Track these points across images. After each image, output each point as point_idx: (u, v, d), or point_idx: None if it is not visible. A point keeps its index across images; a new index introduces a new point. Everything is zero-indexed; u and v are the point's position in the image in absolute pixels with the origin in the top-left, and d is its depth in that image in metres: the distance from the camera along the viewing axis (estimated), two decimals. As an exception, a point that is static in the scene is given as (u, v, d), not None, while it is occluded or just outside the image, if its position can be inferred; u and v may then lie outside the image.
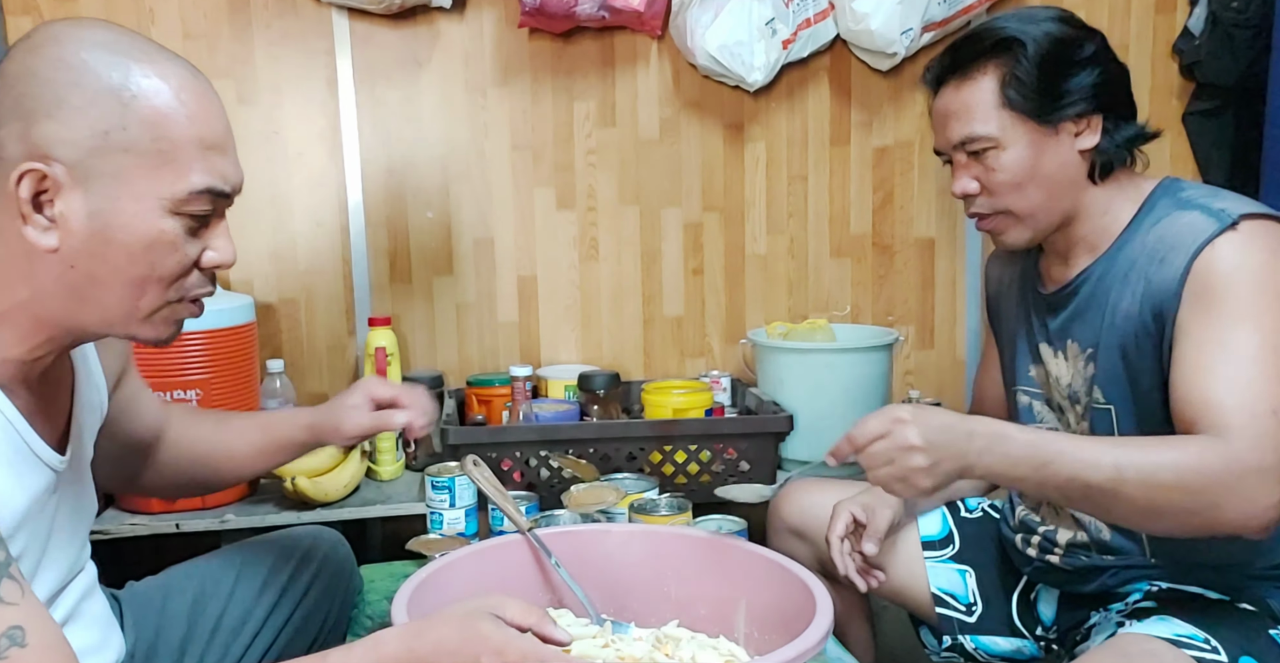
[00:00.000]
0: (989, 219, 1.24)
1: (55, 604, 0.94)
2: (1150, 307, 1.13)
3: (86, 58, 0.81)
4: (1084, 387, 1.24)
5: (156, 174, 0.83)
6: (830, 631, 0.95)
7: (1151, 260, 1.14)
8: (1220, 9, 2.24)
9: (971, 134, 1.20)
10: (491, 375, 2.13)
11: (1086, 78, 1.17)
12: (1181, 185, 1.20)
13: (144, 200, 0.83)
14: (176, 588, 1.21)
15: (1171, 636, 1.10)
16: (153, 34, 2.08)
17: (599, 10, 2.07)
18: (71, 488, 0.96)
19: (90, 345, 1.03)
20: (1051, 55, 1.16)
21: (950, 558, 1.45)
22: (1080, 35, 1.19)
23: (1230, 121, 2.36)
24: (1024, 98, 1.17)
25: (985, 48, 1.19)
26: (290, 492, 1.77)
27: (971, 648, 1.43)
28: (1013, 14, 1.22)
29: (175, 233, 0.85)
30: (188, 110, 0.84)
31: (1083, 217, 1.22)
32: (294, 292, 2.21)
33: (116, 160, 0.81)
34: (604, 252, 2.31)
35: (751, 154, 2.33)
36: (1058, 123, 1.17)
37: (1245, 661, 1.09)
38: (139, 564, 1.43)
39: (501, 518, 1.42)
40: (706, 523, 1.36)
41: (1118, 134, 1.19)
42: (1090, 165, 1.20)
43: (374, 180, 2.20)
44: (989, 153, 1.19)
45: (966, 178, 1.23)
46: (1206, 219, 1.11)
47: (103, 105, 0.80)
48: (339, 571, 1.32)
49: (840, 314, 2.39)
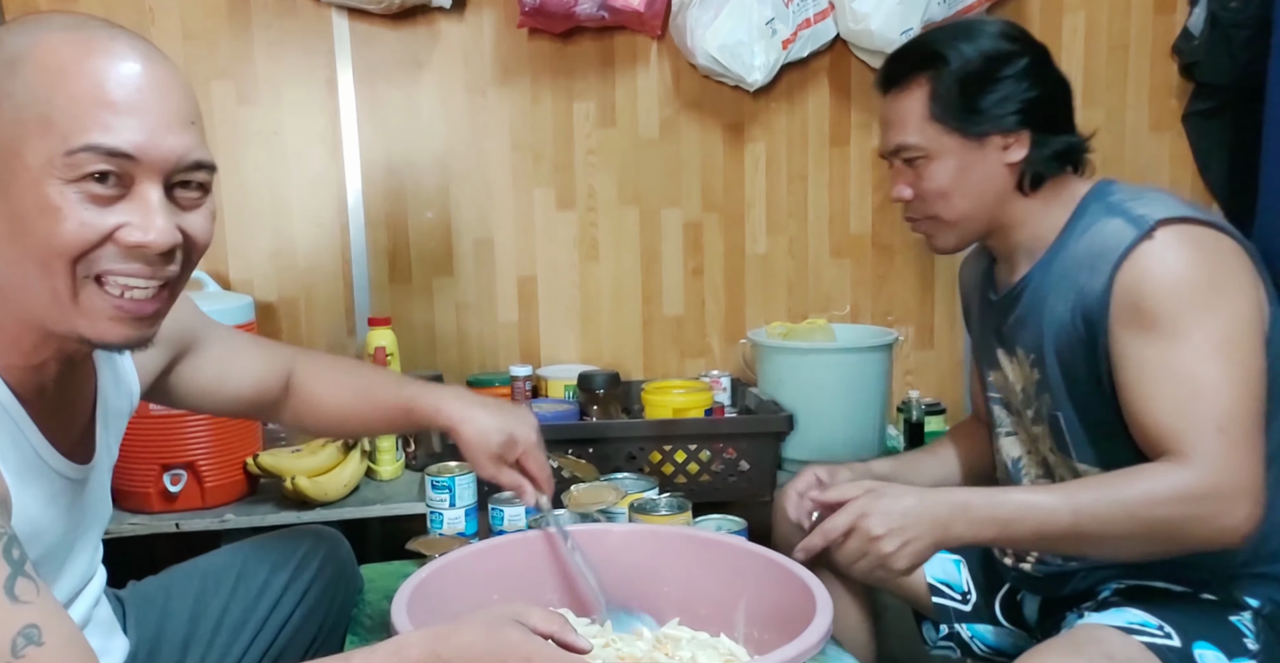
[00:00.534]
0: (919, 223, 1.30)
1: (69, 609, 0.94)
2: (1081, 314, 1.16)
3: (2, 33, 0.78)
4: (1033, 391, 1.27)
5: (44, 139, 0.76)
6: (830, 630, 0.95)
7: (1081, 268, 1.17)
8: (1219, 9, 2.24)
9: (903, 143, 1.25)
10: (491, 375, 2.13)
11: (1012, 94, 1.20)
12: (1112, 189, 1.22)
13: (33, 170, 0.76)
14: (178, 587, 1.21)
15: (1123, 624, 1.12)
16: (153, 34, 2.08)
17: (599, 10, 2.07)
18: (88, 495, 0.96)
19: None
20: (975, 72, 1.20)
21: (945, 548, 1.46)
22: (1012, 51, 1.21)
23: (1230, 121, 2.36)
24: (947, 112, 1.21)
25: (915, 61, 1.24)
26: (290, 491, 1.77)
27: (968, 636, 1.45)
28: (951, 27, 1.27)
29: (67, 200, 0.76)
30: (81, 68, 0.77)
31: (1016, 225, 1.25)
32: (294, 291, 2.21)
33: (7, 133, 0.76)
34: (604, 252, 2.31)
35: (751, 154, 2.33)
36: (983, 136, 1.21)
37: (1201, 644, 1.11)
38: (139, 564, 1.43)
39: (502, 518, 1.42)
40: (706, 523, 1.36)
41: (1047, 148, 1.22)
42: (1019, 177, 1.23)
43: (374, 180, 2.20)
44: (919, 162, 1.24)
45: (901, 184, 1.28)
46: (1126, 226, 1.14)
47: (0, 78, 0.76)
48: (339, 570, 1.32)
49: (840, 314, 2.39)
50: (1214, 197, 2.44)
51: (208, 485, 1.79)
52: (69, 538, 0.92)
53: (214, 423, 1.77)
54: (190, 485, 1.78)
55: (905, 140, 1.24)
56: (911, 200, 1.28)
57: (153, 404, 1.18)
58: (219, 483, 1.80)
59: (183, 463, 1.77)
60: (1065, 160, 1.24)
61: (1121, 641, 1.09)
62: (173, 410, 1.73)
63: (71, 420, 0.94)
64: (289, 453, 1.86)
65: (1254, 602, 1.17)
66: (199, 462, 1.77)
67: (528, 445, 1.18)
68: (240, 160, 2.14)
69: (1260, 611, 1.17)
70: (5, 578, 0.71)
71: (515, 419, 1.18)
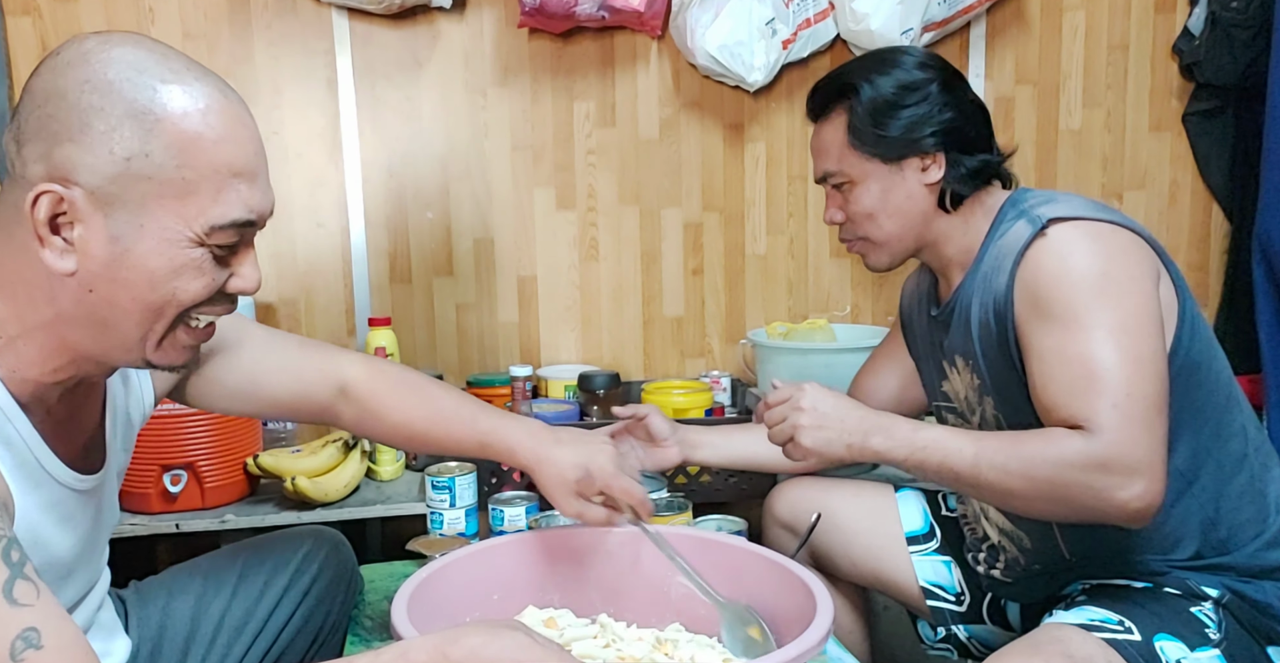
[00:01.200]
0: (853, 244, 1.36)
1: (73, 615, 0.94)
2: (993, 312, 1.21)
3: (113, 78, 0.79)
4: (975, 397, 1.30)
5: (181, 203, 0.80)
6: (830, 631, 0.95)
7: (994, 271, 1.22)
8: (1220, 9, 2.24)
9: (828, 170, 1.32)
10: (491, 375, 2.13)
11: (924, 119, 1.25)
12: (1025, 196, 1.26)
13: (169, 230, 0.81)
14: (180, 588, 1.21)
15: (1084, 621, 1.14)
16: (152, 34, 2.07)
17: (599, 10, 2.07)
18: (95, 503, 0.96)
19: None
20: (884, 102, 1.26)
21: (935, 551, 1.49)
22: (922, 78, 1.27)
23: (1230, 121, 2.36)
24: (862, 140, 1.28)
25: (833, 93, 1.31)
26: (290, 492, 1.77)
27: (965, 637, 1.46)
28: (863, 59, 1.34)
29: (202, 261, 0.83)
30: (214, 135, 0.81)
31: (944, 240, 1.31)
32: (294, 292, 2.21)
33: (139, 187, 0.79)
34: (604, 252, 2.31)
35: (751, 154, 2.33)
36: (900, 160, 1.27)
37: (1162, 637, 1.12)
38: (139, 564, 1.43)
39: (502, 518, 1.42)
40: (706, 523, 1.36)
41: (962, 167, 1.27)
42: (940, 195, 1.28)
43: (374, 180, 2.20)
44: (845, 186, 1.31)
45: (833, 208, 1.35)
46: (1025, 226, 1.18)
47: (125, 130, 0.78)
48: (339, 571, 1.32)
49: (840, 314, 2.39)
50: (1214, 197, 2.44)
51: (208, 486, 1.79)
52: (75, 546, 0.92)
53: (214, 423, 1.77)
54: (190, 486, 1.78)
55: (829, 167, 1.32)
56: (843, 223, 1.34)
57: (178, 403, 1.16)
58: (219, 483, 1.80)
59: (183, 463, 1.77)
60: (980, 178, 1.29)
61: (1080, 638, 1.10)
62: (174, 410, 1.74)
63: (77, 430, 0.94)
64: (289, 453, 1.86)
65: (1214, 592, 1.19)
66: (199, 462, 1.77)
67: (606, 478, 1.15)
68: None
69: (1220, 600, 1.18)
70: (4, 581, 0.70)
71: (591, 453, 1.16)
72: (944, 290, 1.36)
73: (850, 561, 1.51)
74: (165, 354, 0.87)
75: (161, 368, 0.88)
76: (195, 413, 1.76)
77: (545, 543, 1.20)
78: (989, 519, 1.37)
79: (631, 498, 1.16)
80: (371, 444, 1.95)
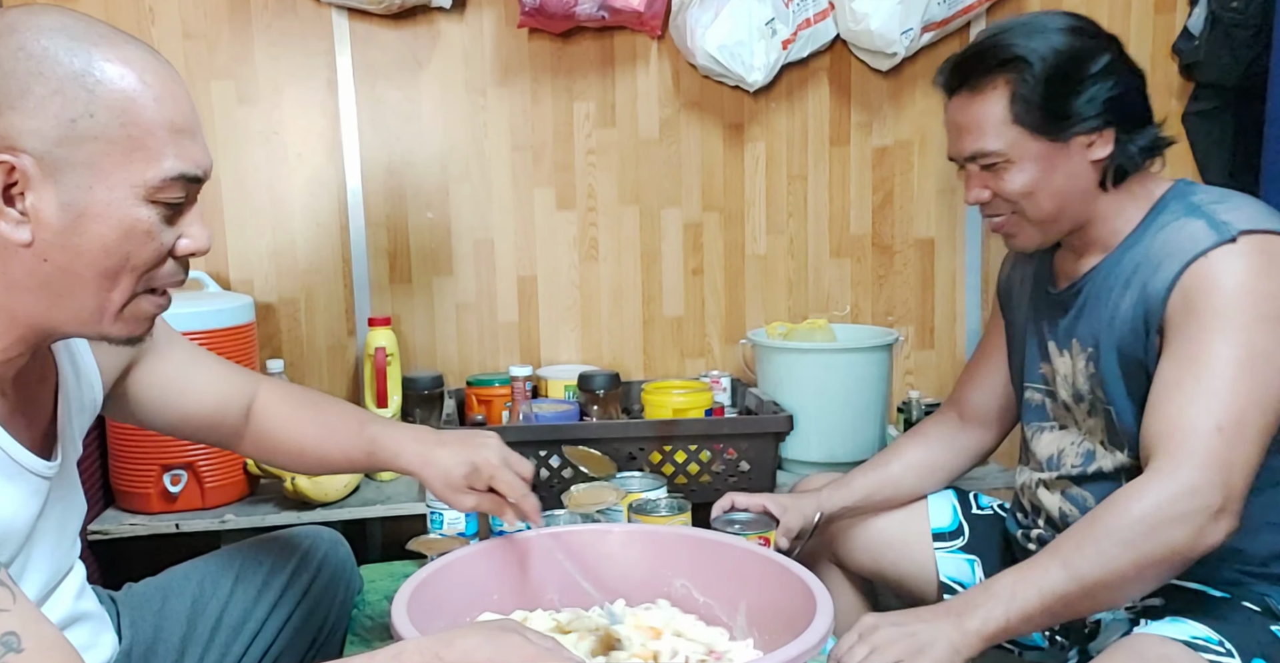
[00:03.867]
0: (1003, 221, 1.26)
1: (45, 606, 0.94)
2: (1143, 311, 1.16)
3: (47, 45, 0.78)
4: (1087, 385, 1.25)
5: (128, 161, 0.80)
6: (830, 631, 0.95)
7: (1151, 265, 1.16)
8: (1220, 9, 2.24)
9: (982, 150, 1.21)
10: (491, 375, 2.13)
11: (1097, 93, 1.17)
12: (1194, 189, 1.21)
13: (117, 189, 0.80)
14: (176, 589, 1.21)
15: (1188, 638, 1.10)
16: (153, 34, 2.08)
17: (599, 10, 2.07)
18: (58, 490, 0.95)
19: (83, 343, 1.01)
20: (1059, 74, 1.16)
21: (960, 549, 1.47)
22: (1092, 47, 1.18)
23: (1230, 121, 2.36)
24: (1032, 116, 1.17)
25: (993, 65, 1.19)
26: (290, 492, 1.77)
27: None
28: (1022, 26, 1.21)
29: (151, 221, 0.82)
30: (154, 93, 0.81)
31: (1096, 220, 1.23)
32: (294, 292, 2.21)
33: (86, 148, 0.79)
34: (604, 252, 2.31)
35: (751, 154, 2.33)
36: (1069, 138, 1.18)
37: (1257, 661, 1.10)
38: (139, 565, 1.43)
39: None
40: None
41: (1131, 144, 1.19)
42: (1102, 173, 1.21)
43: (374, 180, 2.20)
44: (999, 165, 1.21)
45: (978, 187, 1.24)
46: (1209, 231, 1.12)
47: (68, 93, 0.78)
48: (338, 571, 1.31)
49: (840, 314, 2.39)
50: (1214, 196, 2.44)
51: (208, 486, 1.79)
52: (40, 532, 0.91)
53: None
54: (190, 486, 1.78)
55: (984, 146, 1.20)
56: (990, 201, 1.25)
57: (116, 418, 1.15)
58: (219, 483, 1.81)
59: (183, 463, 1.77)
60: (1150, 153, 1.22)
61: (1189, 659, 1.07)
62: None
63: (35, 415, 0.94)
64: (289, 453, 1.86)
65: None
66: (199, 462, 1.78)
67: (492, 469, 1.13)
68: (240, 160, 2.14)
69: None
70: None
71: (475, 448, 1.14)
72: (1069, 268, 1.29)
73: (870, 553, 1.50)
74: (125, 325, 0.86)
75: (117, 340, 0.87)
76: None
77: (545, 543, 1.19)
78: (1049, 488, 1.33)
79: (513, 493, 1.13)
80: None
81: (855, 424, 2.02)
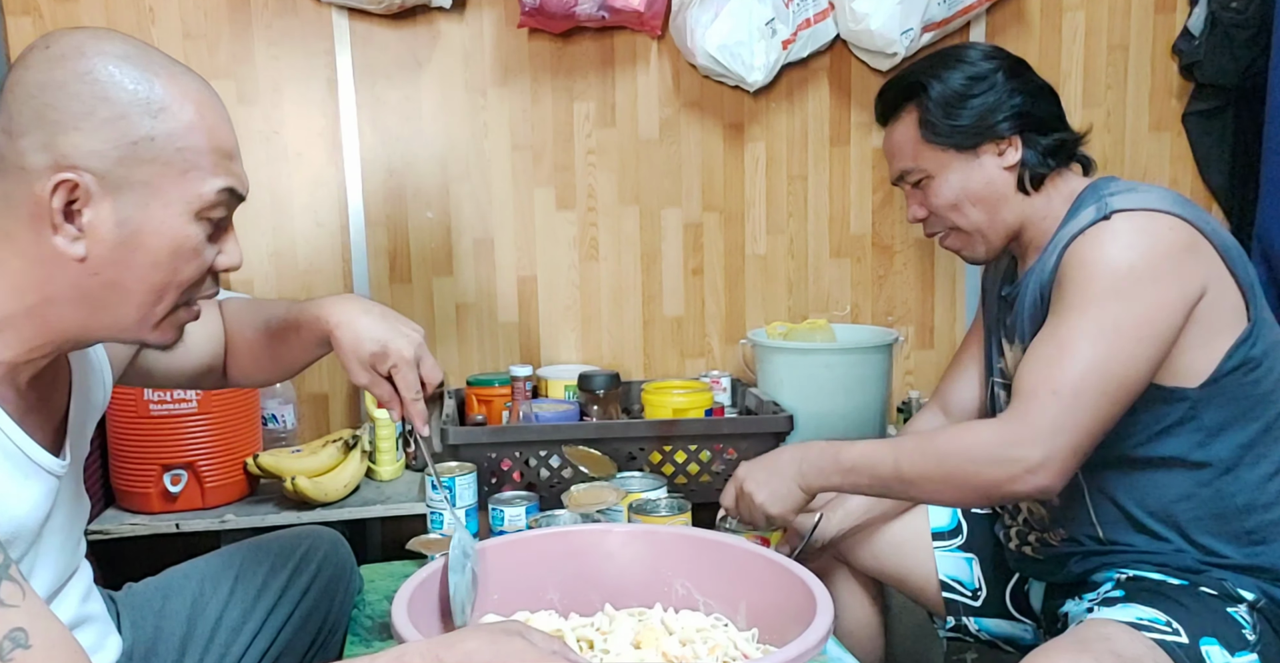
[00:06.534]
0: (945, 237, 1.38)
1: (52, 607, 0.94)
2: (1041, 295, 1.26)
3: (114, 71, 0.84)
4: None
5: (182, 180, 0.86)
6: (830, 630, 0.95)
7: (1050, 253, 1.25)
8: (1220, 9, 2.24)
9: (905, 168, 1.36)
10: (491, 375, 2.13)
11: (995, 105, 1.28)
12: (1108, 183, 1.28)
13: (171, 207, 0.86)
14: (176, 589, 1.21)
15: (1133, 620, 1.14)
16: (153, 34, 2.08)
17: (599, 10, 2.07)
18: (67, 489, 0.96)
19: None
20: (953, 94, 1.29)
21: (959, 547, 1.50)
22: (985, 69, 1.30)
23: (1230, 121, 2.36)
24: (937, 133, 1.31)
25: (900, 93, 1.35)
26: (290, 492, 1.77)
27: (975, 629, 1.48)
28: (926, 59, 1.36)
29: (198, 238, 0.88)
30: (206, 122, 0.88)
31: (1028, 224, 1.33)
32: (294, 291, 2.21)
33: (145, 169, 0.84)
34: (604, 252, 2.31)
35: (751, 154, 2.33)
36: (975, 148, 1.30)
37: (1206, 640, 1.12)
38: (139, 564, 1.43)
39: (502, 518, 1.42)
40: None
41: (1038, 146, 1.30)
42: (1019, 178, 1.31)
43: (374, 180, 2.20)
44: (924, 182, 1.34)
45: (914, 205, 1.38)
46: (1092, 214, 1.21)
47: (131, 118, 0.83)
48: (338, 571, 1.32)
49: (840, 314, 2.39)
50: (1214, 197, 2.45)
51: (208, 486, 1.79)
52: (50, 531, 0.92)
53: (214, 423, 1.78)
54: (190, 486, 1.78)
55: (905, 165, 1.35)
56: (927, 218, 1.37)
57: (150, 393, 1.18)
58: (219, 483, 1.81)
59: (183, 463, 1.77)
60: (1058, 156, 1.31)
61: (1129, 637, 1.10)
62: (174, 410, 1.74)
63: (48, 413, 0.95)
64: (289, 453, 1.86)
65: (1249, 594, 1.19)
66: (199, 462, 1.78)
67: (399, 359, 1.09)
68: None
69: (1255, 603, 1.19)
70: None
71: (395, 331, 1.10)
72: (1017, 271, 1.39)
73: (872, 553, 1.52)
74: (162, 333, 0.92)
75: (153, 345, 0.94)
76: (195, 413, 1.76)
77: (545, 543, 1.20)
78: None
79: (407, 392, 1.10)
80: (371, 444, 1.95)
81: (855, 425, 2.02)
